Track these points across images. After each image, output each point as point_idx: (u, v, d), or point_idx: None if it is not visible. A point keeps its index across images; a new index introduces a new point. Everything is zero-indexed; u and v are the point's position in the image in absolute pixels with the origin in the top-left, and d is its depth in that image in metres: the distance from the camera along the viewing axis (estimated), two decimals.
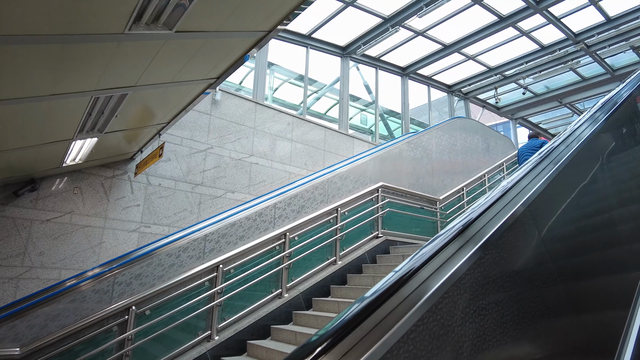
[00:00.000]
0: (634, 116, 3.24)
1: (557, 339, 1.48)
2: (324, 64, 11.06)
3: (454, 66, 12.45)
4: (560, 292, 1.58)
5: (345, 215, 6.67)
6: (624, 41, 10.94)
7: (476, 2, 9.14)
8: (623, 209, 2.48)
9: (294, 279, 5.84)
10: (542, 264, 1.55)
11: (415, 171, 8.35)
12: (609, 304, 1.89)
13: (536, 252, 1.57)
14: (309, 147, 9.08)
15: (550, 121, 17.97)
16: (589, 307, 1.77)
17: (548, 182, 1.68)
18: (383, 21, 9.63)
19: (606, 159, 2.54)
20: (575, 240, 1.98)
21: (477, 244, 1.24)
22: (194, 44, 2.93)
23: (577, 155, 1.98)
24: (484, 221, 1.34)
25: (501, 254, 1.33)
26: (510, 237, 1.41)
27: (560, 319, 1.55)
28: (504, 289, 1.32)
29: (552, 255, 1.61)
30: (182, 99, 4.33)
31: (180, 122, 7.29)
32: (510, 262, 1.40)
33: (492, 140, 10.78)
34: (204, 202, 7.30)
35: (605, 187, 2.46)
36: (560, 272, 1.62)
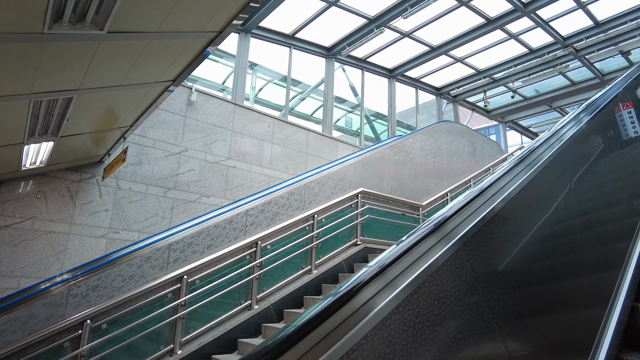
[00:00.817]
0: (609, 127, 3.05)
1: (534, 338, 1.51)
2: (308, 64, 10.84)
3: (442, 68, 12.27)
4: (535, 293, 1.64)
5: (323, 222, 6.45)
6: (612, 46, 10.81)
7: (463, 3, 8.95)
8: (592, 215, 2.34)
9: (265, 289, 5.61)
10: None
11: (398, 176, 8.15)
12: (581, 304, 1.89)
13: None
14: (291, 150, 8.85)
15: (540, 125, 17.88)
16: (564, 306, 1.78)
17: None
18: (368, 22, 9.42)
19: (578, 166, 2.51)
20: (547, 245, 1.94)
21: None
22: (134, 46, 2.69)
23: (551, 163, 2.00)
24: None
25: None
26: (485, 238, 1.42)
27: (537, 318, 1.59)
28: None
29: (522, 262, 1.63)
30: (140, 101, 4.09)
31: (153, 123, 7.04)
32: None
33: (479, 144, 10.60)
34: (177, 207, 7.05)
35: (581, 192, 2.38)
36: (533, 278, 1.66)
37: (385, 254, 1.28)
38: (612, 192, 2.66)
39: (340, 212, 6.76)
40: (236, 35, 9.09)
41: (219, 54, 9.71)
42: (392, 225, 7.55)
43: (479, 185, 1.68)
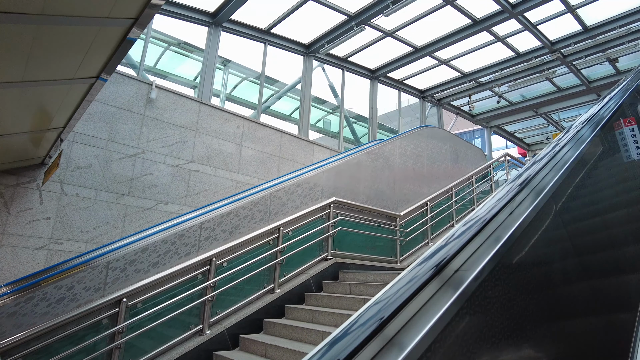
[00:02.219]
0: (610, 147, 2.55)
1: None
2: (286, 62, 10.25)
3: (426, 70, 11.80)
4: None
5: (289, 235, 5.88)
6: (600, 52, 10.47)
7: (448, 2, 8.47)
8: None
9: (220, 312, 5.02)
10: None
11: (375, 184, 7.63)
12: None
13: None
14: (262, 154, 8.25)
15: (526, 130, 17.61)
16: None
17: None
18: (348, 19, 8.87)
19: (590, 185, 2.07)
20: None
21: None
22: (20, 32, 2.10)
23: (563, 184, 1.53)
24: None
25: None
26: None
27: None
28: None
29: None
30: (64, 100, 3.46)
31: (107, 122, 6.38)
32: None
33: (462, 150, 10.15)
34: (130, 214, 6.41)
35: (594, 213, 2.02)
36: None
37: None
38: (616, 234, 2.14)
39: (310, 224, 6.21)
40: (205, 28, 8.45)
41: (188, 48, 9.06)
42: (367, 238, 7.04)
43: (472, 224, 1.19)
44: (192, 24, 8.33)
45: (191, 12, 8.22)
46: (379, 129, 13.64)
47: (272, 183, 6.36)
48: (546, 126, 16.73)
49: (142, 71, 7.46)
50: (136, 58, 7.76)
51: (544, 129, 17.18)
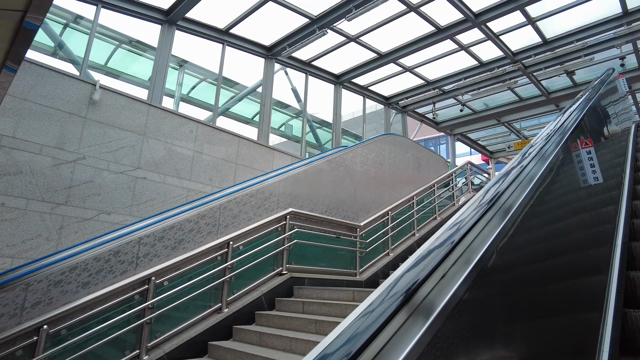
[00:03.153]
0: (567, 170, 2.35)
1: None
2: (247, 64, 9.87)
3: (391, 77, 11.69)
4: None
5: (240, 250, 5.52)
6: (559, 65, 10.65)
7: (412, 9, 8.34)
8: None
9: (159, 335, 4.59)
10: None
11: (335, 194, 7.37)
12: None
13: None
14: (217, 160, 7.84)
15: (489, 138, 17.89)
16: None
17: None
18: (310, 22, 8.60)
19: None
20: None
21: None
22: None
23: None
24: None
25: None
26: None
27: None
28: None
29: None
30: None
31: (41, 125, 5.83)
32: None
33: (424, 158, 10.07)
34: (67, 225, 5.87)
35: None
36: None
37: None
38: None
39: (264, 237, 5.86)
40: (158, 26, 7.97)
41: (141, 47, 8.54)
42: (326, 249, 6.76)
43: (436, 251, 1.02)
44: (144, 21, 7.83)
45: (143, 9, 7.72)
46: (343, 135, 13.45)
47: (224, 193, 5.98)
48: (508, 134, 17.04)
49: (85, 69, 6.91)
50: (77, 52, 7.19)
51: (506, 137, 17.50)
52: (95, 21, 7.16)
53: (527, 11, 8.80)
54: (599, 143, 3.33)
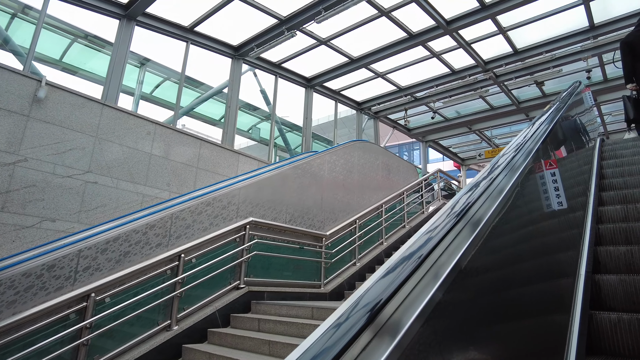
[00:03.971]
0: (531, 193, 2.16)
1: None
2: (214, 64, 9.50)
3: (363, 82, 11.52)
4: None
5: (193, 263, 5.16)
6: (529, 75, 10.72)
7: (383, 14, 8.17)
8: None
9: (98, 358, 4.20)
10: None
11: (301, 201, 7.09)
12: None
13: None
14: (176, 164, 7.43)
15: (460, 145, 18.01)
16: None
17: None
18: (279, 22, 8.31)
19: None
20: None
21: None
22: None
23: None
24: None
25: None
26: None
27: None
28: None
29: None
30: None
31: None
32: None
33: (394, 165, 9.92)
34: (4, 234, 5.37)
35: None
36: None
37: None
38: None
39: (220, 249, 5.52)
40: (116, 21, 7.51)
41: (98, 42, 8.06)
42: (288, 261, 6.47)
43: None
44: (102, 15, 7.37)
45: (100, 2, 7.26)
46: (315, 140, 13.21)
47: (182, 200, 5.62)
48: (479, 142, 17.19)
49: (30, 63, 6.40)
50: (25, 45, 6.67)
51: (477, 145, 17.65)
52: (43, 11, 6.65)
53: (498, 20, 8.78)
54: (566, 155, 3.40)
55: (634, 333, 2.06)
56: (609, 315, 2.16)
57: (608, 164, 4.83)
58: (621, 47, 5.32)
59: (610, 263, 2.76)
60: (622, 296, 2.38)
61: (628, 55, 5.20)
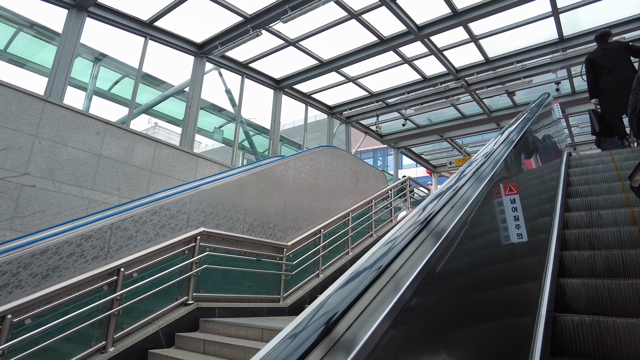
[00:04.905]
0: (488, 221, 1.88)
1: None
2: (176, 62, 9.02)
3: (334, 86, 11.25)
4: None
5: (134, 277, 4.71)
6: (500, 84, 10.69)
7: (353, 16, 7.90)
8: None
9: None
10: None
11: (261, 210, 6.71)
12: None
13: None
14: (128, 166, 6.94)
15: (432, 153, 17.99)
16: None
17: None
18: (244, 20, 7.93)
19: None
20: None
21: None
22: None
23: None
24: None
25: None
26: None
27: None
28: None
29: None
30: None
31: None
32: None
33: (363, 173, 9.65)
34: None
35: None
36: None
37: None
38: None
39: (167, 261, 5.08)
40: (65, 11, 6.97)
41: (47, 33, 7.48)
42: (244, 274, 6.07)
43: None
44: (49, 4, 6.82)
45: None
46: (284, 143, 12.86)
47: (133, 205, 5.16)
48: (451, 150, 17.20)
49: None
50: None
51: (449, 153, 17.67)
52: None
53: (470, 28, 8.66)
54: (534, 163, 3.47)
55: (594, 335, 2.14)
56: (572, 317, 2.24)
57: (574, 172, 5.05)
58: (585, 63, 5.69)
59: (574, 267, 2.87)
60: (585, 299, 2.48)
61: (591, 72, 5.50)
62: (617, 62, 5.40)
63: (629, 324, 2.09)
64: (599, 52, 5.60)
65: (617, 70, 5.34)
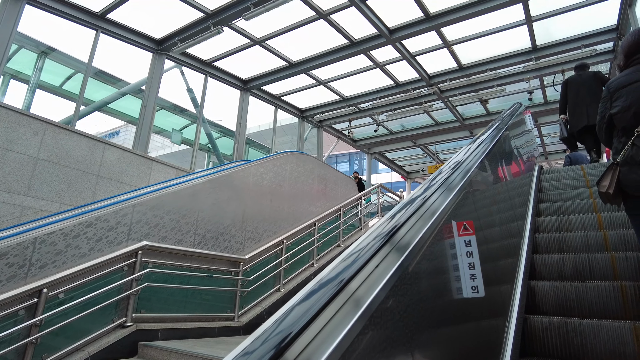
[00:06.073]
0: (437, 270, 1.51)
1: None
2: (136, 59, 8.44)
3: (304, 89, 10.84)
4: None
5: (60, 299, 4.17)
6: (473, 92, 10.50)
7: (322, 16, 7.51)
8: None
9: None
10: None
11: (216, 220, 6.22)
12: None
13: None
14: (72, 170, 6.34)
15: (407, 159, 17.82)
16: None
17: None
18: (205, 16, 7.43)
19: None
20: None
21: None
22: None
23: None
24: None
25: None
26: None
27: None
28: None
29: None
30: None
31: None
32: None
33: (332, 180, 9.26)
34: None
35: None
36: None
37: None
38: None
39: (103, 279, 4.55)
40: None
41: None
42: (194, 291, 5.57)
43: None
44: None
45: None
46: (252, 147, 12.37)
47: (40, 223, 4.59)
48: (424, 156, 17.05)
49: None
50: None
51: (422, 159, 17.52)
52: None
53: (443, 33, 8.40)
54: (506, 172, 3.45)
55: (562, 336, 2.20)
56: (541, 319, 2.30)
57: (545, 178, 5.33)
58: (561, 85, 6.44)
59: (544, 270, 2.96)
60: (554, 301, 2.55)
61: (564, 92, 6.28)
62: (587, 84, 6.07)
63: (594, 324, 2.15)
64: (574, 76, 6.29)
65: (585, 89, 6.03)
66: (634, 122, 2.17)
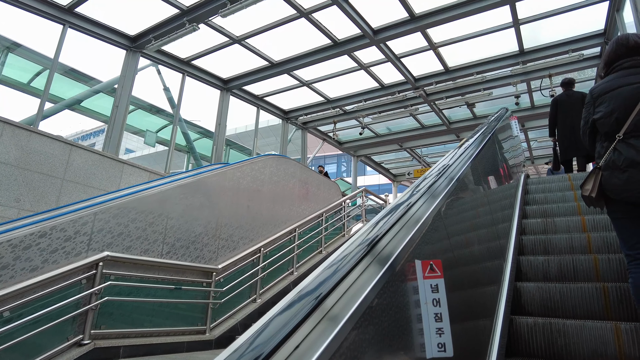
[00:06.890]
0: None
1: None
2: (110, 57, 8.06)
3: (288, 90, 10.54)
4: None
5: (5, 317, 3.80)
6: (460, 95, 10.31)
7: (303, 15, 7.22)
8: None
9: None
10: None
11: (186, 228, 5.88)
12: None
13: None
14: (33, 174, 5.95)
15: (392, 162, 17.62)
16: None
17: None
18: (180, 13, 7.09)
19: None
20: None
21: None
22: None
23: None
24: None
25: None
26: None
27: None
28: None
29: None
30: None
31: None
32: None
33: (314, 184, 8.97)
34: None
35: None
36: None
37: None
38: None
39: (57, 294, 4.19)
40: None
41: None
42: (161, 304, 5.23)
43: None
44: None
45: None
46: (233, 148, 12.02)
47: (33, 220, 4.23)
48: (411, 160, 16.86)
49: None
50: None
51: (408, 162, 17.34)
52: None
53: (429, 35, 8.17)
54: (493, 176, 3.46)
55: (546, 336, 2.24)
56: (526, 319, 2.34)
57: (532, 181, 5.42)
58: (551, 104, 6.17)
59: (530, 271, 3.01)
60: (539, 302, 2.60)
61: (554, 111, 6.03)
62: (576, 107, 5.80)
63: (577, 325, 2.19)
64: (563, 96, 6.10)
65: (574, 113, 5.75)
66: (616, 128, 2.23)
